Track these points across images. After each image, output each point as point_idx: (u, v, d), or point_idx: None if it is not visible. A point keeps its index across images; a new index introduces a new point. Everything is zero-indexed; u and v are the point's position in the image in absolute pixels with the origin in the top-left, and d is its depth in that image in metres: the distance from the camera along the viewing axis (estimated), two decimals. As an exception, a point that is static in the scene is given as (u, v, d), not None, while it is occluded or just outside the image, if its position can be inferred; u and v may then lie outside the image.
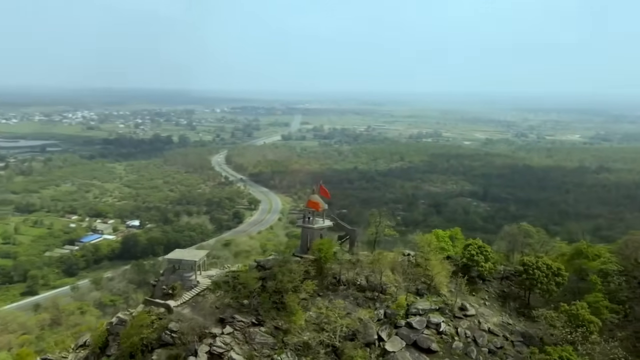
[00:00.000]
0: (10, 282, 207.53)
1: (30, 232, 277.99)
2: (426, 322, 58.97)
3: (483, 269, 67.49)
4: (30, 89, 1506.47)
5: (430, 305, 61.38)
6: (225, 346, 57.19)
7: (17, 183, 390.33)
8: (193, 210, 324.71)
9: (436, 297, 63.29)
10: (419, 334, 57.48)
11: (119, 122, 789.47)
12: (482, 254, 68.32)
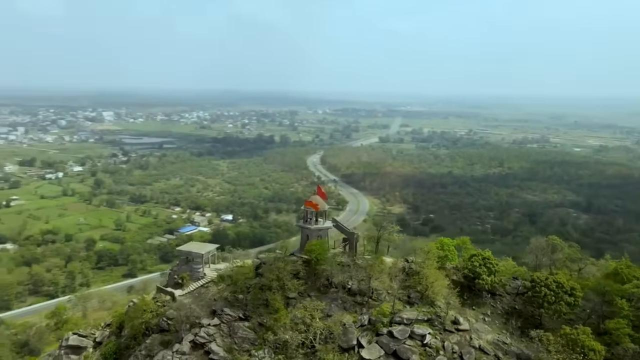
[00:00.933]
0: (115, 265, 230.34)
1: (138, 221, 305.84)
2: (410, 332, 57.58)
3: (484, 282, 64.71)
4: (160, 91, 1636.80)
5: (417, 316, 59.97)
6: (209, 337, 61.01)
7: (135, 176, 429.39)
8: (283, 207, 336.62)
9: (427, 308, 61.68)
10: (400, 343, 56.35)
11: (229, 122, 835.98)
12: (486, 266, 65.54)
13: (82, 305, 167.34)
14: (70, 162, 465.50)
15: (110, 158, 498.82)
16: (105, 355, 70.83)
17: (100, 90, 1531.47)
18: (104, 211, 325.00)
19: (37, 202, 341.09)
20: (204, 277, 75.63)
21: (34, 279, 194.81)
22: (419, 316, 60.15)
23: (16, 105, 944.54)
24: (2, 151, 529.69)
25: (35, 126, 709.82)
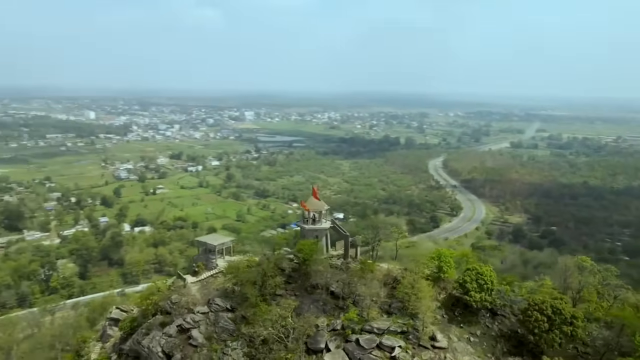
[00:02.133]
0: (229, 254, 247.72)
1: (258, 214, 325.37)
2: (378, 342, 55.31)
3: (472, 299, 59.69)
4: (298, 93, 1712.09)
5: (390, 326, 57.08)
6: (194, 323, 64.27)
7: (262, 171, 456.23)
8: (394, 209, 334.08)
9: (406, 320, 58.38)
10: (365, 353, 54.54)
11: (357, 123, 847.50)
12: (478, 282, 60.07)
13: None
14: (210, 157, 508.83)
15: (243, 154, 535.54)
16: (121, 328, 79.29)
17: (249, 92, 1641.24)
18: (230, 203, 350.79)
19: (177, 192, 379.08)
20: (216, 267, 79.82)
21: (158, 259, 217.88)
22: (392, 327, 57.69)
23: (176, 105, 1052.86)
24: (159, 145, 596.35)
25: (188, 124, 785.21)
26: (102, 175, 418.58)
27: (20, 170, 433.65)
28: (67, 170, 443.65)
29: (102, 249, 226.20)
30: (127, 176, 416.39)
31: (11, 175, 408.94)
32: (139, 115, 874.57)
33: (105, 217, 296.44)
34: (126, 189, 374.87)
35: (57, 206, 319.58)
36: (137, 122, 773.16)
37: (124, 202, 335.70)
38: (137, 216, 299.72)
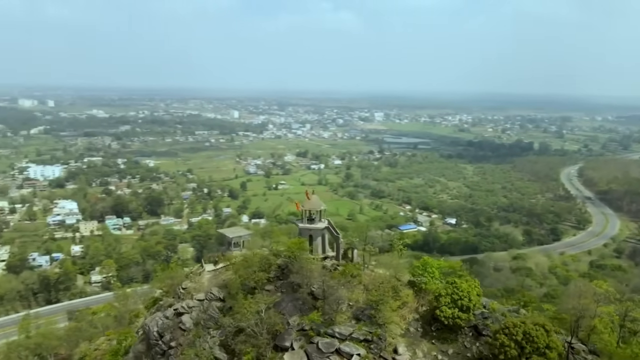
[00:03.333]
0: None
1: (369, 214, 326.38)
2: (337, 347, 53.46)
3: (442, 314, 54.48)
4: (429, 93, 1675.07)
5: (353, 332, 54.88)
6: (188, 309, 66.33)
7: (382, 172, 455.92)
8: (513, 218, 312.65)
9: (373, 328, 55.54)
10: (323, 356, 53.02)
11: (489, 126, 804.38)
12: (452, 296, 54.53)
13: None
14: (333, 156, 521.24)
15: (366, 154, 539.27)
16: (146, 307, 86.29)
17: (383, 92, 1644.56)
18: (344, 202, 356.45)
19: (297, 188, 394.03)
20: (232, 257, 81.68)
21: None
22: (356, 334, 55.16)
23: (311, 105, 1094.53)
24: (289, 143, 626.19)
25: (319, 124, 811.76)
26: (234, 169, 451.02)
27: (169, 162, 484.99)
28: (206, 164, 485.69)
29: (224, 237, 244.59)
30: (255, 171, 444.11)
31: (162, 166, 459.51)
32: (276, 114, 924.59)
33: (228, 208, 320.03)
34: (252, 183, 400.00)
35: (191, 195, 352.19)
36: (273, 121, 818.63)
37: (248, 195, 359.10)
38: (256, 209, 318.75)
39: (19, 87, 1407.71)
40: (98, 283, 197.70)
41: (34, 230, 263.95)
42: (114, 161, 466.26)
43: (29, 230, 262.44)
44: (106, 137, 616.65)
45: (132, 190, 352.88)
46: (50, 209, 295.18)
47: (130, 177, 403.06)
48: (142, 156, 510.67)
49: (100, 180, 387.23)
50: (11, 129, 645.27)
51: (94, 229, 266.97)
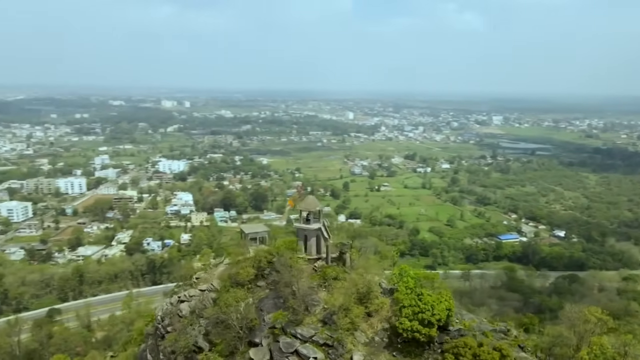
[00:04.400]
0: (424, 255, 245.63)
1: (470, 220, 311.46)
2: (295, 349, 52.48)
3: (401, 325, 50.18)
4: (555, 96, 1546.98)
5: (314, 335, 53.14)
6: (189, 298, 67.95)
7: (491, 179, 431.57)
8: (634, 235, 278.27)
9: (336, 333, 53.06)
10: (282, 356, 52.53)
11: (623, 132, 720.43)
12: (413, 307, 49.52)
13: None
14: (442, 160, 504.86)
15: (477, 159, 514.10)
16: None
17: (508, 95, 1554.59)
18: (445, 207, 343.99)
19: (400, 191, 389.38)
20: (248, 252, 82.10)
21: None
22: (317, 337, 53.41)
23: (428, 108, 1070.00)
24: (399, 145, 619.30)
25: (433, 126, 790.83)
26: (340, 169, 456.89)
27: (281, 161, 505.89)
28: (315, 163, 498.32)
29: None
30: (360, 172, 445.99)
31: (273, 164, 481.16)
32: (390, 116, 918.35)
33: (327, 207, 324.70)
34: (355, 183, 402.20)
35: (295, 193, 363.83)
36: (386, 123, 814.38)
37: (349, 196, 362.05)
38: (354, 209, 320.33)
39: (163, 89, 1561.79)
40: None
41: (154, 217, 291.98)
42: (232, 158, 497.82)
43: (150, 218, 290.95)
44: (229, 136, 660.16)
45: (242, 185, 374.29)
46: (170, 200, 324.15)
47: (243, 174, 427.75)
48: (258, 154, 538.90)
49: (217, 175, 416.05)
50: (152, 126, 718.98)
51: (203, 219, 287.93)
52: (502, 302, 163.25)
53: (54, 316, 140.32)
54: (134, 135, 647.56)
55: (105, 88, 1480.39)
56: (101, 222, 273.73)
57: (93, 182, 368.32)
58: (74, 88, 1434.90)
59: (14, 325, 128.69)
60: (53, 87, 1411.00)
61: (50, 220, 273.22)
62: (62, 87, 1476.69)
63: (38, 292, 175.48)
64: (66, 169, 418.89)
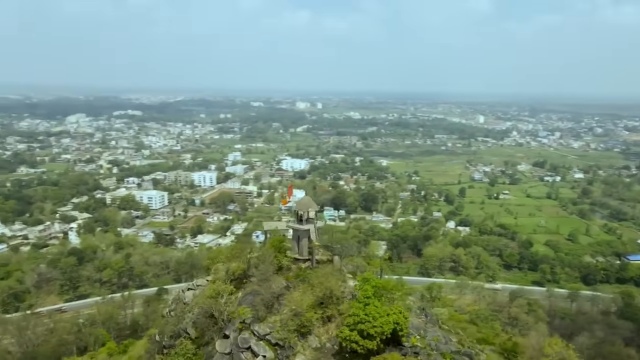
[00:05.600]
0: (533, 270, 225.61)
1: (597, 236, 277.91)
2: (249, 345, 53.97)
3: (341, 334, 48.60)
4: None
5: (267, 335, 54.12)
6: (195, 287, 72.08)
7: (632, 191, 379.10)
8: None
9: (291, 335, 53.44)
10: (239, 350, 54.15)
11: None
12: (354, 317, 47.01)
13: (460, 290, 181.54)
14: (575, 169, 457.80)
15: (618, 169, 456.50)
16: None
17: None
18: (570, 220, 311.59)
19: (521, 200, 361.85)
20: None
21: (453, 258, 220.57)
22: (270, 336, 53.87)
23: (569, 112, 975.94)
24: (530, 152, 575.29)
25: (571, 132, 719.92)
26: (460, 174, 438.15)
27: (400, 163, 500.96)
28: (435, 167, 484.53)
29: (415, 238, 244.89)
30: (480, 178, 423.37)
31: (392, 166, 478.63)
32: (524, 121, 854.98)
33: (439, 212, 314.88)
34: (473, 190, 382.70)
35: (408, 196, 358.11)
36: (518, 128, 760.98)
37: (464, 202, 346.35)
38: (466, 216, 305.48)
39: (300, 91, 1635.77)
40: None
41: (268, 212, 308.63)
42: (353, 159, 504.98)
43: (264, 212, 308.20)
44: (354, 137, 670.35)
45: (357, 186, 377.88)
46: (285, 196, 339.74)
47: (360, 174, 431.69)
48: (379, 156, 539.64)
49: (334, 175, 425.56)
50: (284, 126, 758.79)
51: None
52: (610, 330, 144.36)
53: (162, 295, 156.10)
54: (266, 134, 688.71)
55: (248, 90, 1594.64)
56: (222, 213, 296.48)
57: (222, 177, 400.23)
58: (222, 91, 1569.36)
59: (127, 299, 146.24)
60: (205, 90, 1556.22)
61: (181, 209, 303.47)
62: (213, 89, 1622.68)
63: (158, 272, 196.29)
64: (203, 163, 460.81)
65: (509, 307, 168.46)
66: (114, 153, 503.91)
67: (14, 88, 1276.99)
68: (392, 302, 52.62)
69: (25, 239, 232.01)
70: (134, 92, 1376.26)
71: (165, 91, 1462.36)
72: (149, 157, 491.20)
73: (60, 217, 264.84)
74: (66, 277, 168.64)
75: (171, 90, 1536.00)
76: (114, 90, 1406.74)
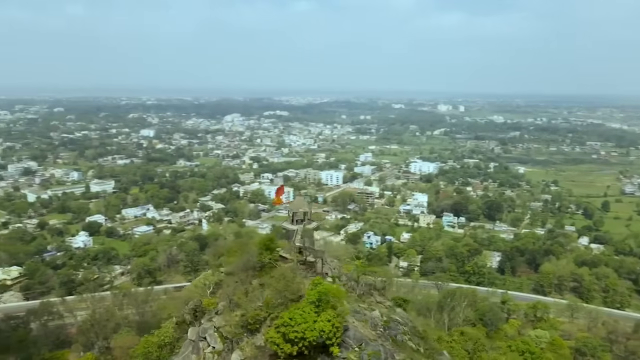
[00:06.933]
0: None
1: None
2: (205, 336, 57.28)
3: (267, 334, 47.47)
4: None
5: (223, 326, 57.57)
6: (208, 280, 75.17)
7: None
8: None
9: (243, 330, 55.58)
10: (198, 339, 59.10)
11: None
12: (282, 319, 44.83)
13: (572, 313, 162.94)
14: None
15: None
16: None
17: None
18: None
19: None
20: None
21: (574, 277, 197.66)
22: (223, 329, 57.69)
23: None
24: None
25: None
26: (608, 187, 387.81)
27: (539, 172, 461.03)
28: (580, 177, 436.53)
29: (534, 251, 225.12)
30: (632, 191, 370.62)
31: (529, 174, 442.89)
32: None
33: (572, 227, 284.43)
34: (620, 204, 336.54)
35: (539, 207, 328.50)
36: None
37: (606, 217, 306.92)
38: (605, 232, 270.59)
39: (445, 93, 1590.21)
40: (403, 268, 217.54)
41: (386, 214, 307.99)
42: (487, 164, 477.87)
43: (382, 214, 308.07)
44: (492, 141, 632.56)
45: (484, 192, 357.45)
46: (406, 199, 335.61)
47: (491, 181, 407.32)
48: (517, 162, 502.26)
49: (463, 180, 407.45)
50: (421, 129, 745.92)
51: (430, 222, 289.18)
52: None
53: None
54: (402, 137, 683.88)
55: (392, 92, 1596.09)
56: (341, 212, 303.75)
57: (349, 176, 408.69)
58: (367, 92, 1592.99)
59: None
60: (351, 92, 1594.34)
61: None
62: (358, 91, 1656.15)
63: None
64: (335, 163, 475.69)
65: (629, 339, 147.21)
66: (257, 150, 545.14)
67: (188, 92, 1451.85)
68: (335, 309, 50.79)
69: (169, 223, 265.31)
70: (285, 93, 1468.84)
71: (314, 93, 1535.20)
72: (287, 155, 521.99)
73: (200, 206, 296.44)
74: (188, 260, 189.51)
75: (319, 91, 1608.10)
76: (268, 92, 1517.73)
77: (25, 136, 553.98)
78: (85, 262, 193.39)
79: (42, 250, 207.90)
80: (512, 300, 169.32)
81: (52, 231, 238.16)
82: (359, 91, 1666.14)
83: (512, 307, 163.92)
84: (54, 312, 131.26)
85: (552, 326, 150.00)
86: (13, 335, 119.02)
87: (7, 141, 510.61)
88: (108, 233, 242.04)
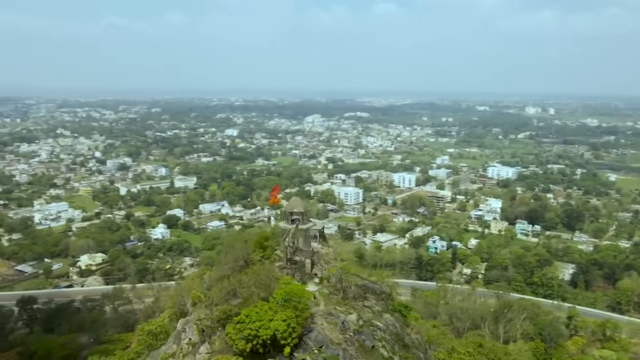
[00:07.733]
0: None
1: None
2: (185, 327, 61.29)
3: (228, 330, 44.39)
4: None
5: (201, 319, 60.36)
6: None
7: None
8: None
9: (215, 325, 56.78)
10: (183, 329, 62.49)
11: None
12: (242, 324, 46.33)
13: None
14: None
15: None
16: None
17: None
18: None
19: None
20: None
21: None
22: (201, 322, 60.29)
23: None
24: None
25: None
26: None
27: (632, 180, 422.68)
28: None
29: (613, 265, 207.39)
30: None
31: (620, 182, 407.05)
32: None
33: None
34: None
35: (628, 218, 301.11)
36: None
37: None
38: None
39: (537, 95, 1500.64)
40: (466, 275, 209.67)
41: (456, 219, 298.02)
42: (573, 170, 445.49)
43: (452, 218, 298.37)
44: (582, 146, 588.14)
45: (566, 200, 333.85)
46: (479, 204, 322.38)
47: (575, 188, 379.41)
48: (608, 169, 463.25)
49: (544, 186, 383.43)
50: (504, 132, 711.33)
51: (502, 229, 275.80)
52: None
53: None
54: (483, 140, 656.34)
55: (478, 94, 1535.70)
56: (410, 215, 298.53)
57: (422, 179, 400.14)
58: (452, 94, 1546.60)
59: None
60: (435, 93, 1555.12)
61: (372, 207, 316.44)
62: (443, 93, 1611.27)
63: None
64: (410, 165, 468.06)
65: None
66: (334, 151, 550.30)
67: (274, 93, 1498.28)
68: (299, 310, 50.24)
69: (240, 219, 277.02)
70: (368, 95, 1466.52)
71: (396, 94, 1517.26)
72: (362, 156, 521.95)
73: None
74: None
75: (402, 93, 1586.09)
76: (351, 94, 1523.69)
77: (125, 134, 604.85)
78: (160, 253, 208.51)
79: (125, 240, 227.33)
80: (580, 316, 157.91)
81: (136, 222, 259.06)
82: (443, 93, 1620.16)
83: (579, 324, 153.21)
84: (125, 298, 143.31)
85: (623, 347, 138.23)
86: (88, 316, 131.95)
87: (109, 139, 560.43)
88: (184, 226, 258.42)
